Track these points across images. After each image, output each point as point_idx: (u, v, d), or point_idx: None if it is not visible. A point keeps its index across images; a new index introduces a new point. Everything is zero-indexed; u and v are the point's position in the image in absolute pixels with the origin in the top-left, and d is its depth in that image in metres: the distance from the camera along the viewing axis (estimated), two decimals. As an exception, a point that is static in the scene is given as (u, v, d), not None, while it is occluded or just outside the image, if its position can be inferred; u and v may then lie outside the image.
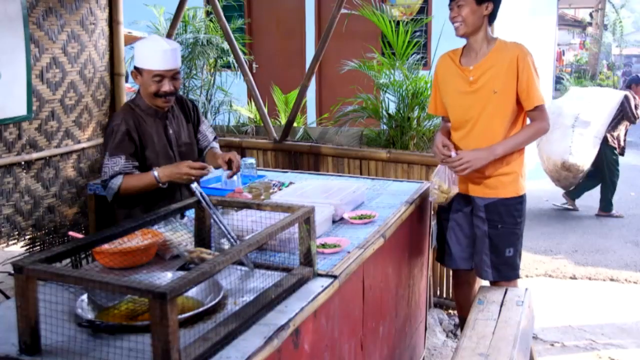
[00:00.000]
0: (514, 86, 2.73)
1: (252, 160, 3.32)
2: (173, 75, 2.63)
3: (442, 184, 2.79)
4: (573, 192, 6.98)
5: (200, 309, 1.62)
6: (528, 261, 5.08)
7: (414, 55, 4.80)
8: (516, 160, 2.84)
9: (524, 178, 2.91)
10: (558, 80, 14.13)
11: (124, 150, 2.61)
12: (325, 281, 1.92)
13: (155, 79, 2.59)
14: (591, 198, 7.55)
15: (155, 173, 2.54)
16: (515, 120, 2.81)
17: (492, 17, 2.80)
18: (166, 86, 2.61)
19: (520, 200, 2.88)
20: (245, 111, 6.58)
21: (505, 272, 2.89)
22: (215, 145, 3.00)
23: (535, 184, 7.74)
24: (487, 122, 2.77)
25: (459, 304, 3.24)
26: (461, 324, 3.22)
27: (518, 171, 2.85)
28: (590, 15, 17.43)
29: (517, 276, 2.95)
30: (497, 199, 2.83)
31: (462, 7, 2.72)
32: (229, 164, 2.66)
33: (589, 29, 18.10)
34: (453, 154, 2.76)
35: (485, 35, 2.79)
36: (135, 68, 2.65)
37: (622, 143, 6.82)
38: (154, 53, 2.59)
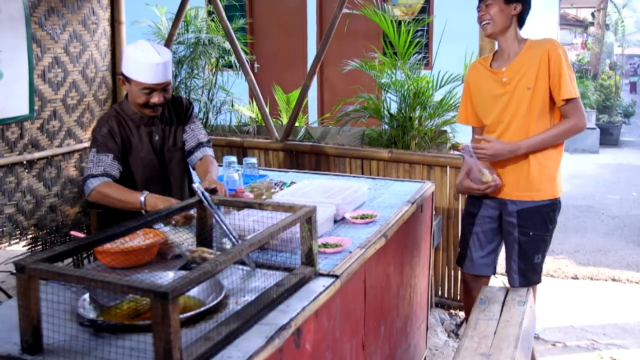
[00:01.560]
0: (547, 81, 2.68)
1: (253, 160, 3.32)
2: (163, 88, 2.54)
3: (484, 175, 2.75)
4: None
5: (202, 309, 1.62)
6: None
7: (415, 55, 4.80)
8: (553, 159, 2.79)
9: (560, 179, 2.85)
10: (560, 80, 14.09)
11: (110, 149, 2.53)
12: (327, 281, 1.92)
13: (144, 91, 2.51)
14: (593, 199, 7.55)
15: (142, 198, 2.37)
16: (551, 119, 2.75)
17: (521, 20, 2.79)
18: (155, 98, 2.53)
19: (554, 206, 2.83)
20: (246, 111, 6.58)
21: (531, 278, 2.85)
22: (210, 153, 2.81)
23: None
24: (521, 120, 2.73)
25: (468, 309, 3.18)
26: None
27: (554, 172, 2.80)
28: (592, 15, 17.42)
29: (540, 280, 2.90)
30: (531, 204, 2.78)
31: (490, 6, 2.71)
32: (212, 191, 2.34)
33: (591, 29, 18.07)
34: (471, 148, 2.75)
35: (515, 35, 2.78)
36: (123, 75, 2.54)
37: None
38: (145, 66, 2.47)
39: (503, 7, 2.72)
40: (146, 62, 2.47)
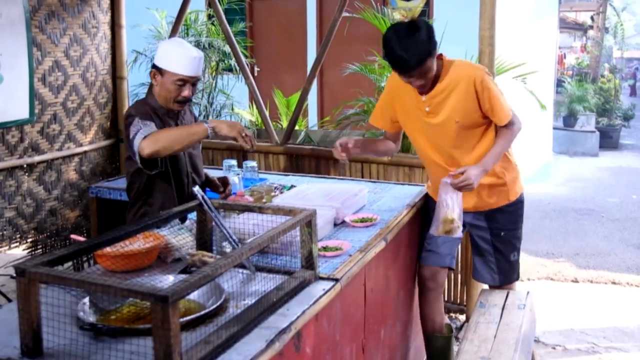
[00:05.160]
0: (477, 107, 2.58)
1: (253, 164, 3.32)
2: (194, 82, 2.61)
3: (448, 215, 2.57)
4: None
5: (202, 312, 1.62)
6: (530, 264, 5.07)
7: (415, 59, 4.80)
8: (507, 170, 2.76)
9: (519, 180, 2.84)
10: (559, 83, 14.12)
11: (152, 120, 2.53)
12: (327, 284, 1.92)
13: (178, 83, 2.55)
14: (593, 202, 7.55)
15: (207, 124, 2.43)
16: (491, 128, 2.69)
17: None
18: (186, 92, 2.58)
19: (518, 204, 2.83)
20: (246, 114, 6.59)
21: (510, 276, 2.89)
22: None
23: (537, 187, 7.75)
24: (464, 146, 2.66)
25: (432, 319, 2.98)
26: (427, 343, 3.02)
27: (509, 179, 2.77)
28: (592, 18, 17.43)
29: (518, 277, 2.94)
30: (496, 207, 2.79)
31: (429, 70, 2.48)
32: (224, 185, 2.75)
33: (590, 32, 18.09)
34: (450, 178, 2.57)
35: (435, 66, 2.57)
36: (157, 67, 2.58)
37: None
38: (183, 58, 2.54)
39: (433, 62, 2.50)
40: (185, 54, 2.56)
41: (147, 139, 2.39)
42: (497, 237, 2.83)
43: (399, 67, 2.49)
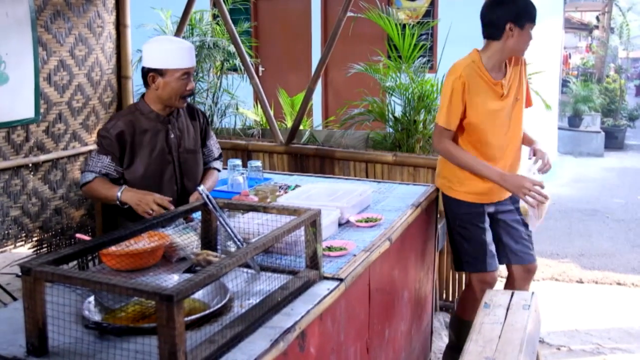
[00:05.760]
0: (523, 90, 2.87)
1: (258, 163, 3.32)
2: (192, 73, 2.62)
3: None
4: None
5: (207, 312, 1.63)
6: (534, 265, 5.06)
7: (420, 59, 4.81)
8: None
9: None
10: (564, 83, 14.08)
11: (112, 151, 2.56)
12: (331, 284, 1.92)
13: (183, 78, 2.54)
14: (598, 203, 7.53)
15: (119, 193, 2.48)
16: None
17: None
18: (191, 84, 2.59)
19: None
20: (251, 114, 6.60)
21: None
22: (217, 166, 2.94)
23: (541, 187, 7.73)
24: (513, 129, 2.83)
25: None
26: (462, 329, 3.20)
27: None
28: (597, 18, 17.36)
29: None
30: None
31: None
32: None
33: (596, 32, 18.01)
34: (535, 161, 2.80)
35: None
36: (154, 70, 2.54)
37: None
38: (179, 51, 2.54)
39: None
40: (179, 48, 2.56)
41: (84, 189, 2.60)
42: (520, 214, 3.01)
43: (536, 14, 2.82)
